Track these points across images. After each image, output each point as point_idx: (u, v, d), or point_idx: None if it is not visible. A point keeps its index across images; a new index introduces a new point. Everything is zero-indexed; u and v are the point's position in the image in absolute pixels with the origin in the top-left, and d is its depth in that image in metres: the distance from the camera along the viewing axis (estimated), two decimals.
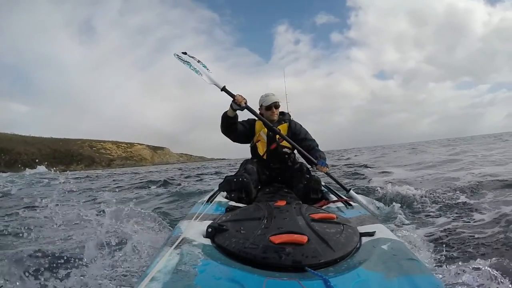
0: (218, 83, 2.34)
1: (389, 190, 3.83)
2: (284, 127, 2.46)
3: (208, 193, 2.00)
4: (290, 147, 2.45)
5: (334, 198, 1.89)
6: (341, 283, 0.76)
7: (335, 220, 1.17)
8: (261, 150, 2.46)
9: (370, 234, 1.10)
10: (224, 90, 2.30)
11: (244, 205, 1.66)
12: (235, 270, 0.83)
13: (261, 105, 2.47)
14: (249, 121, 2.49)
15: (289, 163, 2.49)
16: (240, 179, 1.95)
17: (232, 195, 1.90)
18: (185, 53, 2.41)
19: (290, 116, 2.61)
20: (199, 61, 2.40)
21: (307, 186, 2.02)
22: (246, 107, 2.26)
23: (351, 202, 1.70)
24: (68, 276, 1.62)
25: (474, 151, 9.61)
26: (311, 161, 2.28)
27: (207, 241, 1.03)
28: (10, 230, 2.58)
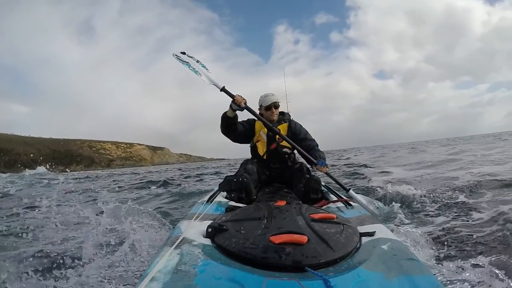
0: (218, 84, 2.32)
1: (389, 190, 3.82)
2: (284, 127, 2.46)
3: (208, 193, 2.00)
4: (290, 147, 2.45)
5: (334, 198, 1.89)
6: (341, 283, 0.76)
7: (335, 220, 1.17)
8: (261, 150, 2.46)
9: (370, 234, 1.10)
10: (224, 91, 2.28)
11: (244, 205, 1.66)
12: (235, 270, 0.83)
13: (261, 105, 2.47)
14: (249, 121, 2.49)
15: (289, 163, 2.49)
16: (240, 179, 1.95)
17: (232, 195, 1.90)
18: (184, 53, 2.39)
19: (290, 116, 2.61)
20: (198, 61, 2.38)
21: (307, 186, 2.03)
22: (246, 108, 2.25)
23: (351, 202, 1.70)
24: (69, 276, 1.62)
25: (474, 151, 9.62)
26: (311, 161, 2.28)
27: (207, 241, 1.03)
28: (11, 231, 2.58)
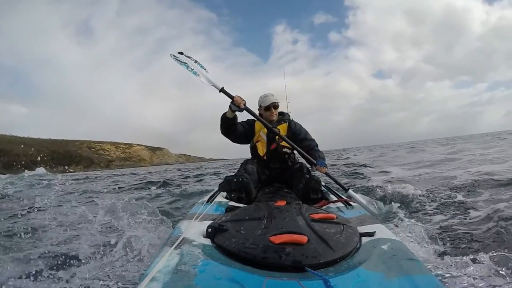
0: (217, 84, 2.29)
1: (388, 189, 3.84)
2: (284, 127, 2.46)
3: (208, 193, 2.00)
4: (290, 147, 2.45)
5: (334, 198, 1.89)
6: (341, 283, 0.76)
7: (335, 220, 1.17)
8: (261, 150, 2.46)
9: (370, 234, 1.10)
10: (223, 92, 2.26)
11: (244, 205, 1.66)
12: (235, 270, 0.83)
13: (260, 106, 2.47)
14: (249, 122, 2.49)
15: (289, 163, 2.49)
16: (240, 179, 1.95)
17: (232, 195, 1.90)
18: (182, 53, 2.35)
19: (290, 116, 2.61)
20: (196, 61, 2.34)
21: (307, 186, 2.03)
22: (246, 109, 2.24)
23: (351, 202, 1.71)
24: (70, 276, 1.62)
25: (472, 150, 9.62)
26: (310, 161, 2.28)
27: (207, 241, 1.03)
28: (14, 231, 2.58)
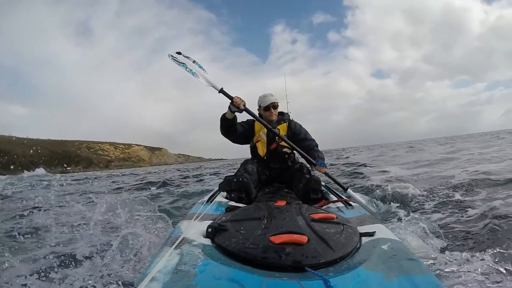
0: (216, 85, 2.27)
1: (387, 189, 3.85)
2: (284, 127, 2.46)
3: (208, 193, 2.00)
4: (290, 147, 2.45)
5: (334, 198, 1.89)
6: (341, 283, 0.76)
7: (335, 220, 1.17)
8: (261, 150, 2.46)
9: (370, 234, 1.10)
10: (222, 92, 2.24)
11: (244, 205, 1.66)
12: (235, 270, 0.83)
13: (260, 106, 2.47)
14: (249, 122, 2.49)
15: (289, 163, 2.49)
16: (240, 179, 1.95)
17: (232, 195, 1.90)
18: (180, 53, 2.32)
19: (290, 116, 2.61)
20: (195, 62, 2.31)
21: (307, 186, 2.03)
22: (245, 109, 2.22)
23: (351, 202, 1.71)
24: (72, 276, 1.62)
25: (471, 150, 9.63)
26: (310, 161, 2.28)
27: (207, 241, 1.03)
28: (14, 232, 2.58)
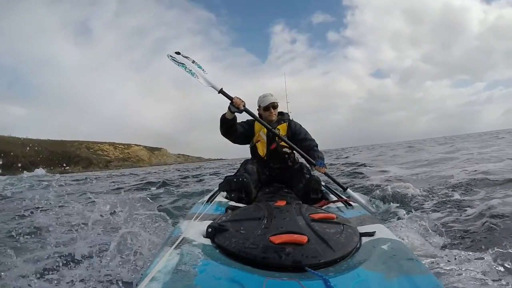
0: (215, 86, 2.24)
1: (387, 188, 3.86)
2: (284, 127, 2.46)
3: (208, 193, 2.00)
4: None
5: (334, 198, 1.89)
6: (341, 283, 0.76)
7: (335, 220, 1.17)
8: (261, 150, 2.45)
9: (370, 234, 1.10)
10: (222, 93, 2.22)
11: (244, 205, 1.66)
12: (235, 270, 0.83)
13: (259, 106, 2.47)
14: (248, 122, 2.48)
15: (289, 163, 2.49)
16: (240, 179, 1.95)
17: (232, 195, 1.90)
18: (179, 53, 2.29)
19: (290, 116, 2.61)
20: (194, 62, 2.29)
21: (307, 186, 2.03)
22: (245, 110, 2.21)
23: (351, 202, 1.70)
24: (70, 276, 1.62)
25: (470, 149, 9.65)
26: (310, 162, 2.28)
27: (207, 241, 1.03)
28: (16, 233, 2.58)
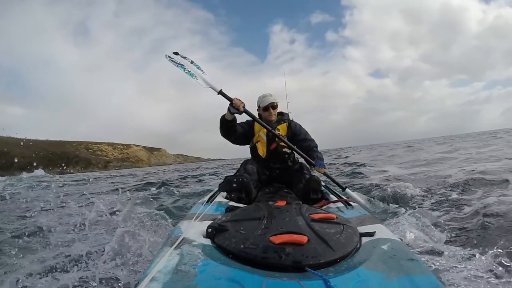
0: (215, 86, 2.22)
1: (386, 188, 3.88)
2: (284, 127, 2.46)
3: (208, 193, 2.00)
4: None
5: (334, 198, 1.89)
6: (341, 283, 0.76)
7: (335, 220, 1.17)
8: (261, 151, 2.46)
9: (370, 234, 1.10)
10: (221, 94, 2.20)
11: (244, 205, 1.66)
12: (235, 270, 0.83)
13: (259, 106, 2.47)
14: (248, 122, 2.48)
15: (289, 163, 2.50)
16: (240, 179, 1.94)
17: (232, 195, 1.90)
18: (177, 53, 2.26)
19: (289, 116, 2.61)
20: (193, 62, 2.26)
21: (307, 186, 2.02)
22: (245, 111, 2.20)
23: (351, 202, 1.71)
24: (70, 276, 1.62)
25: (468, 149, 9.67)
26: (309, 162, 2.28)
27: (207, 241, 1.03)
28: (17, 233, 2.58)
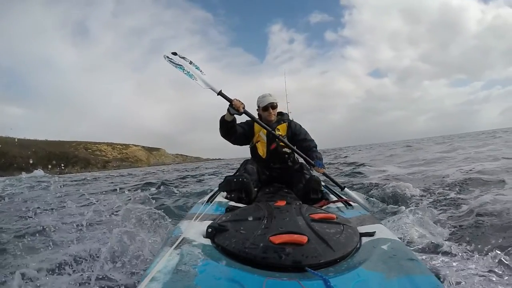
0: (214, 87, 2.20)
1: (384, 187, 3.88)
2: (284, 127, 2.46)
3: (208, 193, 2.00)
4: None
5: (334, 198, 1.89)
6: (341, 283, 0.76)
7: (335, 220, 1.17)
8: (261, 151, 2.46)
9: (370, 234, 1.10)
10: (221, 95, 2.18)
11: (244, 205, 1.66)
12: (235, 270, 0.83)
13: (259, 106, 2.47)
14: (248, 123, 2.48)
15: (289, 163, 2.50)
16: (240, 179, 1.94)
17: (232, 195, 1.90)
18: (175, 54, 2.24)
19: (289, 116, 2.61)
20: (191, 62, 2.24)
21: (307, 186, 2.03)
22: (245, 112, 2.19)
23: (351, 202, 1.71)
24: (70, 276, 1.62)
25: (467, 149, 9.68)
26: (308, 162, 2.28)
27: (207, 241, 1.03)
28: (18, 234, 2.58)
